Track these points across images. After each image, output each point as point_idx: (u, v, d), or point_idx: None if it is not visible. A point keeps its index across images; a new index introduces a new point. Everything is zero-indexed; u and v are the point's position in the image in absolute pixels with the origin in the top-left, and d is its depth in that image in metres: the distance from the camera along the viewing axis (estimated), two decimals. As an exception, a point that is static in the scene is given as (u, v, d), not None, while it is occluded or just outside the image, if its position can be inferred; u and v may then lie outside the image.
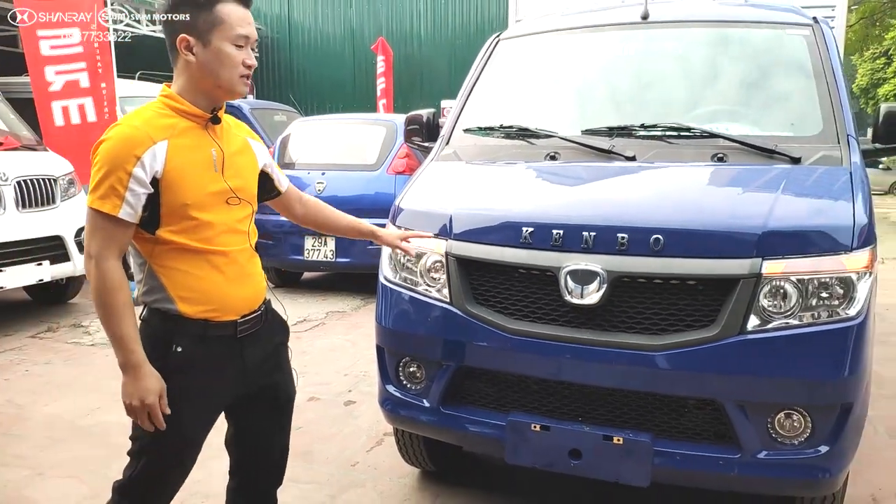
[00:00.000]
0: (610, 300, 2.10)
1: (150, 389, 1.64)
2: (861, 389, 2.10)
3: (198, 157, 1.67)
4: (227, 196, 1.72)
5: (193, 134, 1.68)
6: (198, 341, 1.69)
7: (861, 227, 2.08)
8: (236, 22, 1.64)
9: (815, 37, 2.85)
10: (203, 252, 1.68)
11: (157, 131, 1.61)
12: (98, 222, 1.61)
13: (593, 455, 2.14)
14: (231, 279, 1.73)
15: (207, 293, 1.69)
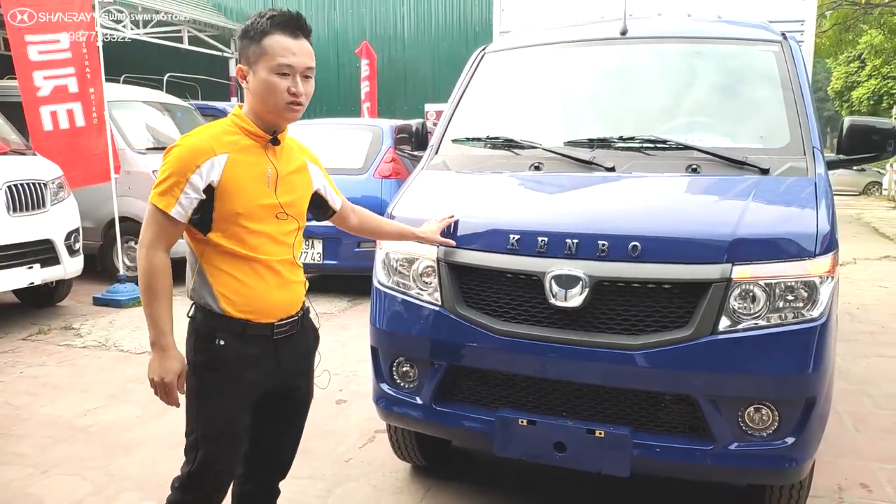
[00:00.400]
0: (592, 303, 2.25)
1: (172, 369, 1.83)
2: (824, 385, 2.26)
3: (253, 173, 1.83)
4: (277, 211, 1.87)
5: (253, 151, 1.85)
6: (237, 338, 1.85)
7: (824, 235, 2.25)
8: (278, 52, 1.78)
9: (783, 53, 3.02)
10: (248, 259, 1.84)
11: (220, 145, 1.80)
12: (154, 216, 1.81)
13: (577, 447, 2.29)
14: (271, 286, 1.88)
15: (248, 297, 1.84)
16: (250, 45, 1.81)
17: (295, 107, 1.82)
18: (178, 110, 8.68)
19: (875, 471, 3.22)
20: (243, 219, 1.81)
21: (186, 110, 8.84)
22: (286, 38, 1.79)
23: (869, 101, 23.87)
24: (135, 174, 7.17)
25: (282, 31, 1.79)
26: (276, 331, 1.91)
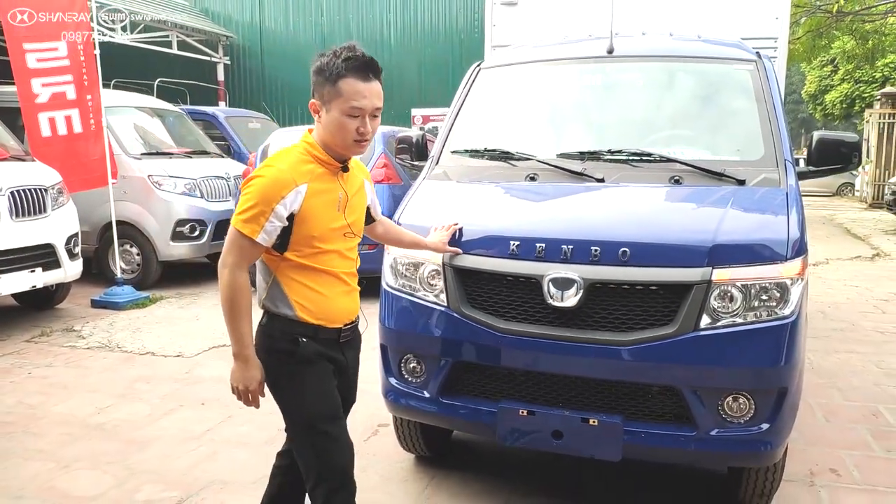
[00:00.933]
0: (585, 303, 2.47)
1: (255, 377, 2.04)
2: (795, 376, 2.50)
3: (328, 199, 2.03)
4: (345, 231, 2.09)
5: (326, 179, 2.03)
6: (311, 339, 2.06)
7: (794, 241, 2.49)
8: (351, 96, 1.93)
9: (758, 71, 3.27)
10: (320, 271, 2.03)
11: (300, 175, 1.97)
12: (238, 240, 1.96)
13: (572, 435, 2.52)
14: (339, 294, 2.09)
15: (320, 304, 2.05)
16: (325, 84, 1.95)
17: (362, 143, 2.00)
18: (170, 115, 8.82)
19: (843, 457, 3.48)
20: (317, 241, 2.01)
21: (178, 115, 8.98)
22: (358, 82, 1.94)
23: (842, 104, 24.43)
24: (130, 179, 7.31)
25: (355, 75, 1.93)
26: (342, 335, 2.12)
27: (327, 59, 1.96)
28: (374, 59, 1.99)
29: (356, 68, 1.94)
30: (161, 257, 7.47)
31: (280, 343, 2.06)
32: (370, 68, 1.97)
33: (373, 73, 1.97)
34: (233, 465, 3.38)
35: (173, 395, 4.32)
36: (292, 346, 2.04)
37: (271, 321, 2.08)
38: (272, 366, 2.07)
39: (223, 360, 5.02)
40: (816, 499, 3.07)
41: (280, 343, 2.06)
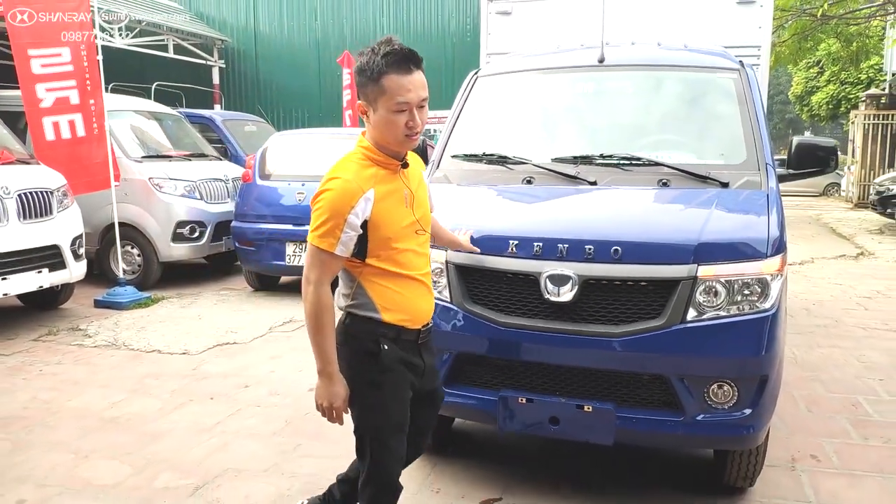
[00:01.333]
0: (580, 298, 2.65)
1: (339, 394, 2.07)
2: (775, 365, 2.70)
3: (396, 199, 2.06)
4: (416, 227, 2.13)
5: (390, 179, 2.06)
6: (393, 342, 2.11)
7: (774, 239, 2.68)
8: (396, 92, 1.95)
9: (741, 79, 3.47)
10: (400, 275, 2.10)
11: (365, 182, 1.99)
12: (318, 255, 1.99)
13: (568, 421, 2.70)
14: (419, 295, 2.16)
15: (403, 305, 2.11)
16: (368, 83, 1.97)
17: (413, 136, 2.01)
18: (169, 119, 8.96)
19: (823, 445, 3.68)
20: (392, 241, 2.05)
21: (176, 119, 9.12)
22: (401, 76, 1.94)
23: (828, 105, 24.79)
24: (131, 181, 7.45)
25: (396, 70, 1.94)
26: (421, 336, 2.19)
27: (367, 57, 1.97)
28: (412, 50, 1.98)
29: (396, 63, 1.94)
30: (162, 258, 7.61)
31: (364, 344, 2.10)
32: (410, 60, 1.96)
33: (413, 64, 1.97)
34: (245, 455, 3.55)
35: (182, 391, 4.47)
36: (375, 348, 2.09)
37: (354, 322, 2.12)
38: (356, 369, 2.12)
39: (227, 357, 5.18)
40: (797, 482, 3.26)
41: (364, 344, 2.10)
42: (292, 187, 7.19)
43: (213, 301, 7.18)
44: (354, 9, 15.07)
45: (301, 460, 3.49)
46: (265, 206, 7.28)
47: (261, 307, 6.89)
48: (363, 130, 2.12)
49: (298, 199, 7.10)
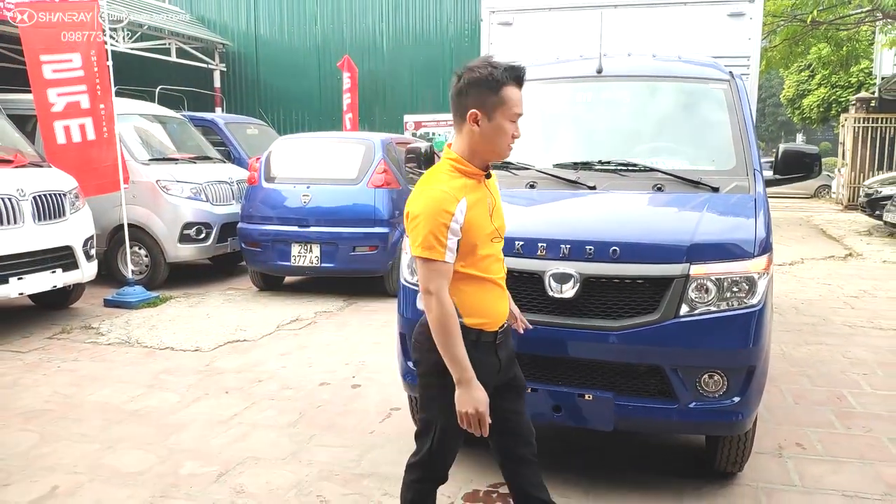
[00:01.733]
0: (581, 294, 2.86)
1: (482, 400, 2.07)
2: (762, 356, 2.91)
3: (483, 208, 2.16)
4: (494, 235, 2.20)
5: (476, 189, 2.16)
6: (472, 345, 2.13)
7: (761, 240, 2.91)
8: (515, 104, 2.09)
9: (731, 90, 3.69)
10: (482, 279, 2.18)
11: (457, 191, 2.08)
12: (430, 267, 2.05)
13: (570, 409, 2.91)
14: (497, 298, 2.24)
15: (483, 309, 2.18)
16: (489, 94, 2.07)
17: (511, 146, 2.18)
18: (173, 122, 9.14)
19: (809, 434, 3.89)
20: (478, 248, 2.13)
21: (181, 122, 9.30)
22: (517, 90, 2.11)
23: (819, 108, 25.11)
24: (138, 184, 7.63)
25: (514, 83, 2.09)
26: (498, 337, 2.24)
27: (486, 70, 2.09)
28: (523, 69, 2.16)
29: (515, 78, 2.10)
30: (169, 259, 7.80)
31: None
32: (524, 77, 2.15)
33: (522, 82, 2.16)
34: (263, 444, 3.74)
35: (197, 385, 4.66)
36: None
37: None
38: (438, 369, 2.14)
39: (239, 354, 5.38)
40: (783, 468, 3.48)
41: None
42: (297, 190, 7.39)
43: (219, 300, 7.37)
44: (354, 14, 15.26)
45: (316, 450, 3.69)
46: (271, 209, 7.48)
47: (267, 306, 7.07)
48: (448, 143, 2.21)
49: (304, 202, 7.30)
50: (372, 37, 15.17)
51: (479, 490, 3.23)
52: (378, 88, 15.07)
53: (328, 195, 7.32)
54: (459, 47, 14.56)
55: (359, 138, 8.07)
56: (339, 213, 7.26)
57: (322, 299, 7.37)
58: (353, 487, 3.26)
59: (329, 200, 7.30)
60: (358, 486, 3.28)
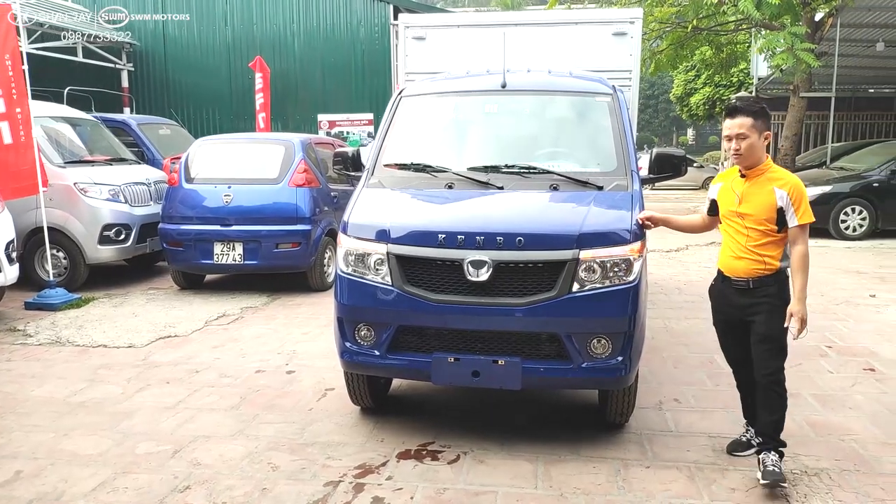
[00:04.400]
0: (494, 277, 3.42)
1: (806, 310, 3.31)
2: (639, 323, 3.56)
3: (730, 195, 3.41)
4: (734, 215, 3.38)
5: (734, 181, 3.42)
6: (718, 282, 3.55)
7: (635, 229, 3.55)
8: (724, 129, 3.36)
9: (614, 102, 4.35)
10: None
11: (722, 177, 3.54)
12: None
13: (487, 373, 3.47)
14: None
15: (720, 260, 3.53)
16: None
17: (734, 154, 3.32)
18: (87, 124, 9.14)
19: (684, 391, 4.63)
20: (724, 218, 3.47)
21: (94, 124, 9.30)
22: (727, 119, 3.35)
23: (704, 105, 27.05)
24: (56, 187, 7.65)
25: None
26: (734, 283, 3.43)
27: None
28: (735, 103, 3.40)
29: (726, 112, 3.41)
30: (89, 260, 7.87)
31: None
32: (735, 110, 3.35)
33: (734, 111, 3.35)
34: (211, 425, 4.11)
35: (138, 378, 4.94)
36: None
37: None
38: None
39: (172, 349, 5.66)
40: (663, 418, 4.17)
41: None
42: (218, 190, 7.64)
43: (143, 300, 7.54)
44: (265, 13, 15.34)
45: (261, 426, 4.10)
46: (192, 209, 7.69)
47: (192, 304, 7.32)
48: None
49: (225, 201, 7.56)
50: (283, 37, 15.31)
51: (410, 449, 3.75)
52: (290, 88, 15.25)
53: (250, 194, 7.61)
54: (370, 49, 14.96)
55: (279, 139, 8.38)
56: (261, 211, 7.57)
57: (246, 296, 7.67)
58: (299, 454, 3.71)
59: (251, 199, 7.59)
60: (304, 453, 3.73)
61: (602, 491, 3.29)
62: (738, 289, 3.39)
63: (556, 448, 3.73)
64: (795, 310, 3.27)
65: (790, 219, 3.26)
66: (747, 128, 3.24)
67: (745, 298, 3.39)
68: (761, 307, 3.35)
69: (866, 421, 4.09)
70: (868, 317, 6.57)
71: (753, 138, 3.25)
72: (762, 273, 3.32)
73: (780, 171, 3.36)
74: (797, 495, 3.24)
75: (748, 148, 3.25)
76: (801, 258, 3.29)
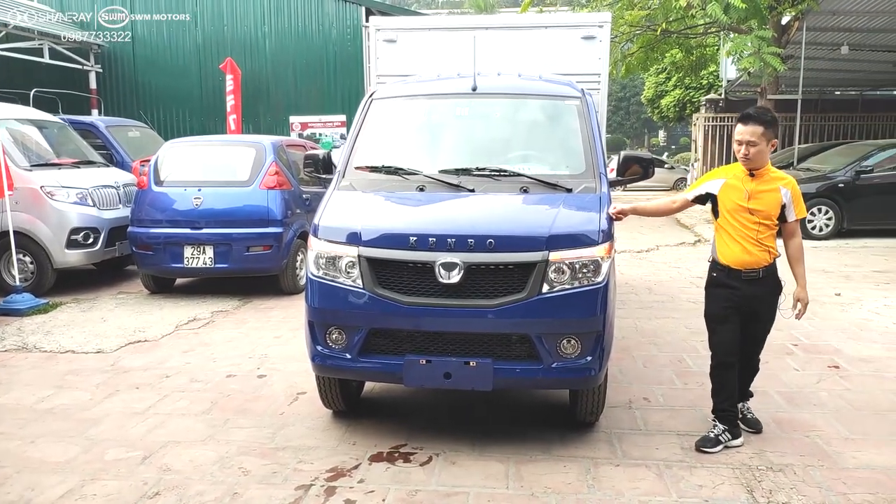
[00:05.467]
0: (465, 279, 3.44)
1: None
2: (608, 323, 3.61)
3: (737, 192, 3.65)
4: (744, 211, 3.63)
5: (742, 179, 3.66)
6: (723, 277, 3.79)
7: (604, 231, 3.60)
8: (736, 133, 3.60)
9: (582, 105, 4.41)
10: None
11: (723, 173, 3.75)
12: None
13: (458, 374, 3.49)
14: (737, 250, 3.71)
15: (725, 255, 3.76)
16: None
17: (743, 157, 3.60)
18: (54, 126, 9.00)
19: (654, 390, 4.69)
20: (726, 214, 3.71)
21: (61, 126, 9.16)
22: (739, 125, 3.62)
23: (675, 107, 27.39)
24: (22, 190, 7.52)
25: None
26: (744, 275, 3.70)
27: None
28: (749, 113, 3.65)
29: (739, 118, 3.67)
30: (56, 265, 7.74)
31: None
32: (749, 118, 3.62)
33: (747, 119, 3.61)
34: (181, 430, 4.08)
35: (107, 384, 4.88)
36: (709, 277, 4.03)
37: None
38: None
39: (142, 354, 5.60)
40: (632, 417, 4.23)
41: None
42: (188, 192, 7.56)
43: (112, 304, 7.44)
44: (235, 15, 15.22)
45: (232, 431, 4.07)
46: (161, 212, 7.61)
47: (163, 308, 7.24)
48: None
49: (195, 204, 7.49)
50: (254, 38, 15.20)
51: (382, 451, 3.75)
52: (261, 89, 15.13)
53: (220, 197, 7.55)
54: (343, 50, 14.91)
55: (249, 141, 8.31)
56: (232, 214, 7.51)
57: (217, 299, 7.60)
58: (271, 459, 3.69)
59: (221, 202, 7.53)
60: (275, 457, 3.71)
61: (572, 490, 3.32)
62: (748, 279, 3.68)
63: (527, 448, 3.76)
64: (802, 296, 3.80)
65: (790, 214, 3.69)
66: (758, 136, 3.55)
67: (755, 288, 3.71)
68: (767, 296, 3.76)
69: (830, 417, 4.18)
70: (833, 315, 6.71)
71: (762, 145, 3.57)
72: (768, 262, 3.70)
73: (779, 172, 3.76)
74: (763, 490, 3.31)
75: (756, 153, 3.57)
76: (800, 249, 3.80)
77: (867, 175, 11.89)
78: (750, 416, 4.01)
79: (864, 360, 5.31)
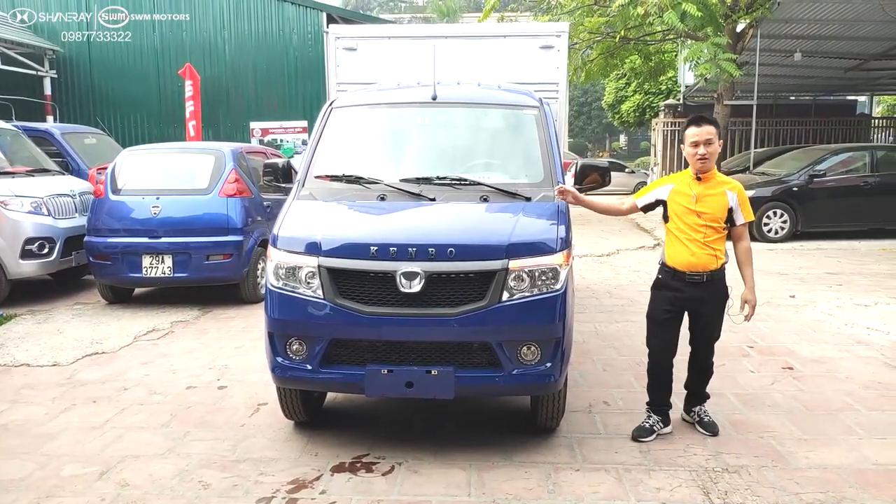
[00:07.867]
0: (427, 288, 3.46)
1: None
2: (566, 329, 3.65)
3: (684, 196, 3.79)
4: (691, 213, 3.77)
5: (690, 184, 3.81)
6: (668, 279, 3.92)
7: (562, 239, 3.65)
8: (691, 136, 3.73)
9: (540, 114, 4.47)
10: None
11: (671, 180, 3.90)
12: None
13: (420, 383, 3.50)
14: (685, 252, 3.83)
15: (672, 257, 3.88)
16: (685, 129, 3.79)
17: (700, 160, 3.74)
18: (6, 133, 8.79)
19: (613, 394, 4.77)
20: (675, 218, 3.84)
21: (14, 133, 8.95)
22: (692, 127, 3.77)
23: (635, 112, 27.85)
24: (-26, 200, 7.33)
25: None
26: (688, 277, 3.83)
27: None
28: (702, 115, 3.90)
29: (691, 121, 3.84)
30: (10, 276, 7.55)
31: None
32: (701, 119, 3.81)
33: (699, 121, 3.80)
34: (140, 444, 4.02)
35: (63, 398, 4.78)
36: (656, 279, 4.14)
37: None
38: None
39: (99, 366, 5.50)
40: (592, 421, 4.29)
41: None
42: (146, 201, 7.44)
43: (69, 315, 7.28)
44: (194, 19, 15.03)
45: (192, 444, 4.02)
46: (119, 221, 7.47)
47: (121, 319, 7.11)
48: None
49: (153, 213, 7.38)
50: (213, 43, 15.02)
51: (344, 462, 3.74)
52: (221, 95, 14.98)
53: (179, 206, 7.45)
54: (303, 56, 14.84)
55: (208, 148, 8.22)
56: (191, 222, 7.41)
57: (176, 309, 7.49)
58: (231, 472, 3.66)
59: (180, 211, 7.43)
60: (235, 470, 3.68)
61: (533, 496, 3.36)
62: (692, 283, 3.81)
63: (488, 454, 3.79)
64: (749, 297, 3.91)
65: (738, 217, 3.82)
66: (713, 135, 3.74)
67: (698, 291, 3.84)
68: (711, 300, 3.87)
69: (784, 418, 4.30)
70: (788, 317, 6.90)
71: (717, 144, 3.75)
72: (714, 267, 3.80)
73: (724, 176, 3.92)
74: (718, 491, 3.39)
75: (713, 153, 3.73)
76: (748, 252, 3.91)
77: (820, 179, 12.23)
78: (707, 419, 4.10)
79: (817, 360, 5.47)
